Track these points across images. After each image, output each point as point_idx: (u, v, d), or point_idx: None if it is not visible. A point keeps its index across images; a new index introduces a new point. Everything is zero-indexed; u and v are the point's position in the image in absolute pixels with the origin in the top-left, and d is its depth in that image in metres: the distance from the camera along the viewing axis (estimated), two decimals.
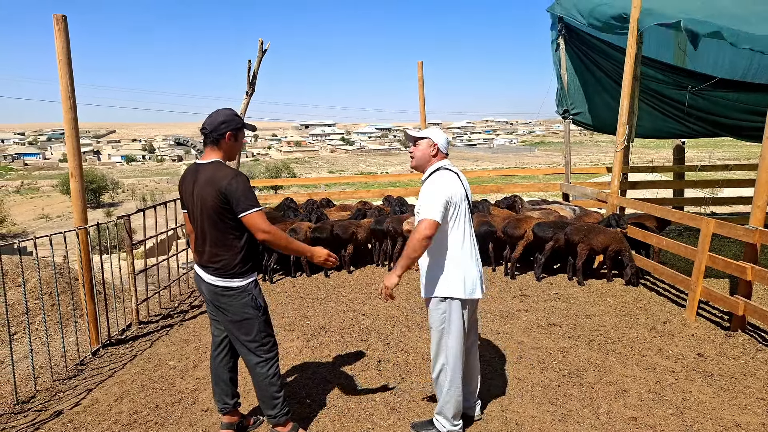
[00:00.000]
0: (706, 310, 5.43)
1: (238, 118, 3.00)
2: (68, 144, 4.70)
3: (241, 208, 2.83)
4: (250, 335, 3.04)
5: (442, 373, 3.15)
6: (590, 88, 9.12)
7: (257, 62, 9.48)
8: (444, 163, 3.14)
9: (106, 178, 57.85)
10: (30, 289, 5.66)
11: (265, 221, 2.86)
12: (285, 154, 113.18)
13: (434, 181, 3.02)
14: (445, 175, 3.04)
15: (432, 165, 3.13)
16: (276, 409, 3.14)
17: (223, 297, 3.00)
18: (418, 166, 3.18)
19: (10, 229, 40.29)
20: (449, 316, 3.07)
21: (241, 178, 2.87)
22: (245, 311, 2.99)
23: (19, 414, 3.70)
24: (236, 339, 3.08)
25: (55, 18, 4.52)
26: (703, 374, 4.04)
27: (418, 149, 3.14)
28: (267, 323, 3.13)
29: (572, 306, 5.63)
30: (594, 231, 6.34)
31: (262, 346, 3.07)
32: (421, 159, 3.14)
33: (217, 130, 2.93)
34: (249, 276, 3.03)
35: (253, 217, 2.85)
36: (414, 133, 3.19)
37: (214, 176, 2.87)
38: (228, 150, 3.01)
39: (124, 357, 4.66)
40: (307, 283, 6.79)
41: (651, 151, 69.38)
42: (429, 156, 3.12)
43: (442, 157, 3.16)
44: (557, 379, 3.99)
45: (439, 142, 3.13)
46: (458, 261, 3.05)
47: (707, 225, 5.01)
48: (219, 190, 2.83)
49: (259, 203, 2.89)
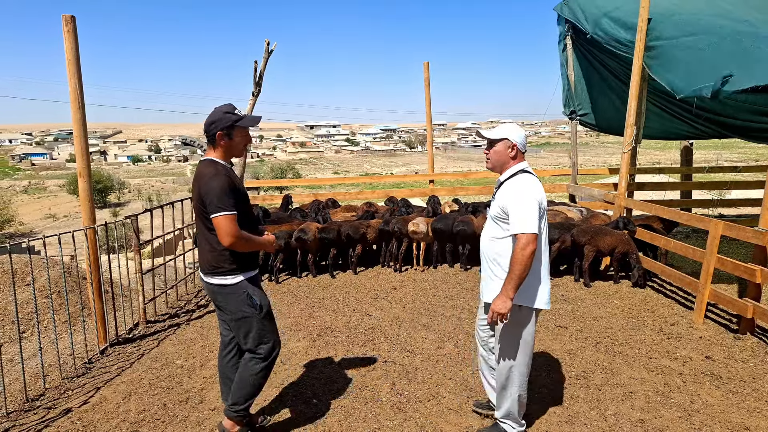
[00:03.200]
0: (714, 312, 5.40)
1: (230, 116, 2.91)
2: (77, 144, 4.73)
3: (211, 210, 2.80)
4: (250, 333, 3.04)
5: (510, 378, 3.07)
6: (597, 88, 9.07)
7: (263, 63, 9.51)
8: (525, 165, 2.97)
9: (112, 178, 58.12)
10: (39, 288, 5.70)
11: (231, 227, 2.79)
12: (290, 155, 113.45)
13: (521, 188, 2.85)
14: (530, 181, 2.89)
15: (512, 167, 2.95)
16: (239, 405, 3.11)
17: (219, 295, 3.01)
18: (495, 168, 3.02)
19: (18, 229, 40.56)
20: (524, 324, 2.99)
21: (217, 179, 2.81)
22: (242, 309, 2.99)
23: (29, 411, 3.72)
24: (238, 336, 3.09)
25: (64, 19, 4.55)
26: (711, 377, 4.01)
27: (494, 152, 2.96)
28: (268, 322, 3.10)
29: (579, 308, 5.61)
30: (601, 233, 6.31)
31: (262, 344, 3.07)
32: (498, 162, 2.97)
33: (209, 130, 2.92)
34: (240, 273, 2.99)
35: (219, 221, 2.79)
36: (488, 134, 2.98)
37: (199, 174, 2.91)
38: (226, 148, 2.96)
39: (131, 356, 4.68)
40: (312, 283, 6.80)
41: (658, 153, 69.03)
42: (507, 158, 2.94)
43: (521, 158, 2.98)
44: (564, 381, 3.97)
45: (518, 141, 2.93)
46: (539, 270, 2.95)
47: (716, 227, 4.98)
48: (198, 189, 2.86)
49: (231, 207, 2.81)
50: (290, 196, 9.30)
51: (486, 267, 3.11)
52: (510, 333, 3.02)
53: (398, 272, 7.16)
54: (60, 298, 5.80)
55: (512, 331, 3.01)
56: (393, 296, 6.14)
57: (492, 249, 3.04)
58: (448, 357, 4.43)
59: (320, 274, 7.14)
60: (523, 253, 2.74)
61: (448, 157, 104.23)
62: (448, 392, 3.84)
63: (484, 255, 3.12)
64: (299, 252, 7.03)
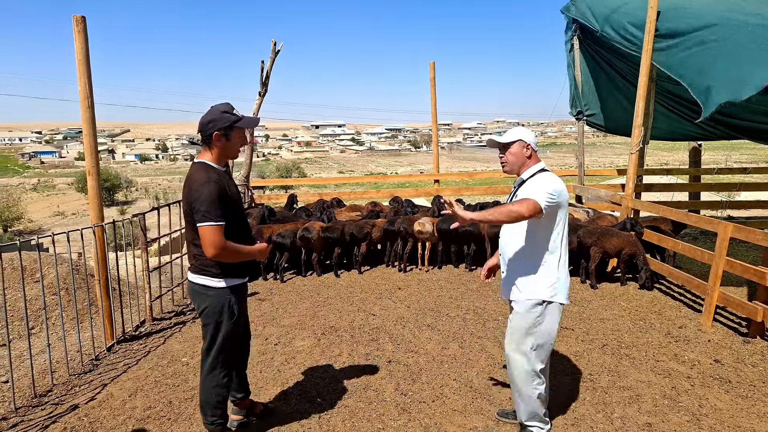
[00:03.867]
0: (723, 315, 5.35)
1: (228, 115, 2.81)
2: (86, 142, 4.76)
3: (197, 218, 2.72)
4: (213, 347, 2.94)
5: (530, 378, 3.02)
6: (604, 89, 9.03)
7: (270, 63, 9.54)
8: (543, 165, 3.00)
9: (120, 177, 58.49)
10: (47, 284, 5.74)
11: (216, 238, 2.70)
12: (295, 155, 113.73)
13: (544, 181, 2.87)
14: (553, 177, 2.91)
15: (531, 167, 2.98)
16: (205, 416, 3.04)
17: (198, 294, 2.91)
18: (513, 171, 3.03)
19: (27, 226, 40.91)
20: (544, 319, 2.97)
21: (207, 187, 2.72)
22: (218, 314, 2.88)
23: (36, 407, 3.75)
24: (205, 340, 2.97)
25: (74, 19, 4.58)
26: (720, 381, 3.98)
27: (511, 154, 2.98)
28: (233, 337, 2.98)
29: (585, 310, 5.58)
30: (607, 234, 6.28)
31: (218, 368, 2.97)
32: (516, 163, 3.00)
33: (205, 130, 2.82)
34: (226, 279, 2.88)
35: (204, 231, 2.71)
36: (501, 139, 3.01)
37: (189, 178, 2.82)
38: (221, 149, 2.87)
39: (138, 353, 4.71)
40: (317, 282, 6.81)
41: (665, 154, 68.59)
42: (524, 158, 2.98)
43: (536, 158, 3.01)
44: (570, 383, 3.95)
45: (531, 141, 2.98)
46: (561, 264, 2.96)
47: (725, 229, 4.94)
48: (187, 193, 2.79)
49: (218, 218, 2.72)
50: (295, 195, 9.36)
51: (505, 265, 3.11)
52: (526, 330, 2.99)
53: (403, 272, 7.16)
54: (68, 295, 5.83)
55: (530, 328, 2.98)
56: (397, 296, 6.13)
57: (511, 247, 3.04)
58: (452, 358, 4.42)
59: (325, 273, 7.15)
60: (514, 209, 2.73)
61: (453, 157, 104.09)
62: (452, 393, 3.83)
63: (504, 254, 3.12)
64: (303, 251, 7.04)
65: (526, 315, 2.98)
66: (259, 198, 10.37)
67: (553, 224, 2.92)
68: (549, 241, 2.93)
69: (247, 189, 9.73)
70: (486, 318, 5.34)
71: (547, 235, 2.93)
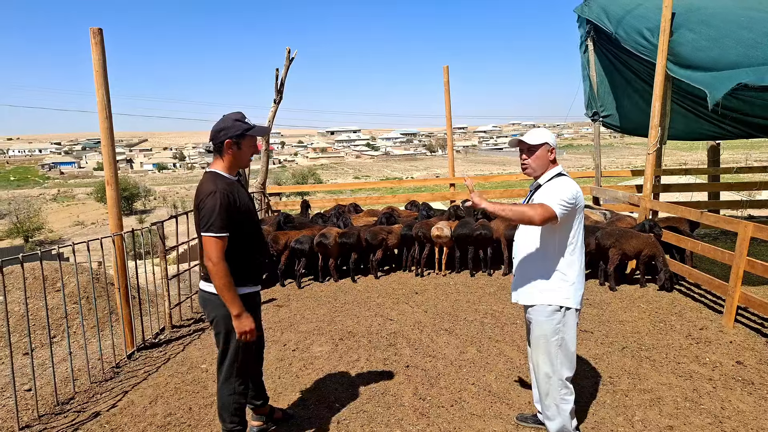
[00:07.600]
0: (744, 316, 5.25)
1: (240, 124, 2.82)
2: (104, 152, 4.86)
3: (202, 228, 2.76)
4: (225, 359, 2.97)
5: (558, 388, 3.00)
6: (620, 89, 8.94)
7: (284, 70, 9.63)
8: (561, 168, 3.01)
9: (138, 186, 59.41)
10: (68, 293, 5.85)
11: (214, 251, 2.71)
12: (311, 161, 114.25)
13: (559, 184, 2.88)
14: (570, 182, 2.91)
15: (551, 170, 2.99)
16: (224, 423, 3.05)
17: (209, 303, 2.92)
18: (534, 174, 3.03)
19: (48, 236, 41.73)
20: (564, 326, 2.96)
21: (214, 198, 2.73)
22: (228, 323, 2.87)
23: (59, 414, 3.82)
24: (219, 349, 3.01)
25: (92, 32, 4.68)
26: (742, 383, 3.90)
27: (536, 158, 2.97)
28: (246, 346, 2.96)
29: (604, 312, 5.51)
30: (626, 235, 6.20)
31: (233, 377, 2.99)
32: (539, 167, 2.99)
33: (216, 138, 2.84)
34: (237, 288, 2.82)
35: (205, 241, 2.74)
36: (529, 140, 2.98)
37: (200, 188, 2.85)
38: (233, 158, 2.88)
39: (158, 360, 4.77)
40: (334, 288, 6.83)
41: (684, 153, 67.47)
42: (548, 162, 2.99)
43: (556, 162, 3.03)
44: (590, 386, 3.91)
45: (555, 144, 3.00)
46: (578, 269, 2.95)
47: (745, 228, 4.86)
48: (197, 202, 2.83)
49: (220, 230, 2.73)
50: (308, 201, 9.46)
51: (519, 267, 3.09)
52: (548, 337, 2.97)
53: (420, 276, 7.15)
54: (89, 303, 5.94)
55: (551, 336, 2.97)
56: (415, 301, 6.13)
57: (526, 249, 3.03)
58: (470, 362, 4.40)
59: (342, 279, 7.17)
60: (527, 212, 2.74)
61: (468, 160, 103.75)
62: (471, 397, 3.81)
63: (517, 256, 3.11)
64: (320, 257, 7.08)
65: (546, 322, 2.96)
66: (275, 204, 10.47)
67: (569, 228, 2.91)
68: (565, 245, 2.91)
69: (263, 196, 9.82)
70: (504, 322, 5.31)
71: (563, 239, 2.91)
